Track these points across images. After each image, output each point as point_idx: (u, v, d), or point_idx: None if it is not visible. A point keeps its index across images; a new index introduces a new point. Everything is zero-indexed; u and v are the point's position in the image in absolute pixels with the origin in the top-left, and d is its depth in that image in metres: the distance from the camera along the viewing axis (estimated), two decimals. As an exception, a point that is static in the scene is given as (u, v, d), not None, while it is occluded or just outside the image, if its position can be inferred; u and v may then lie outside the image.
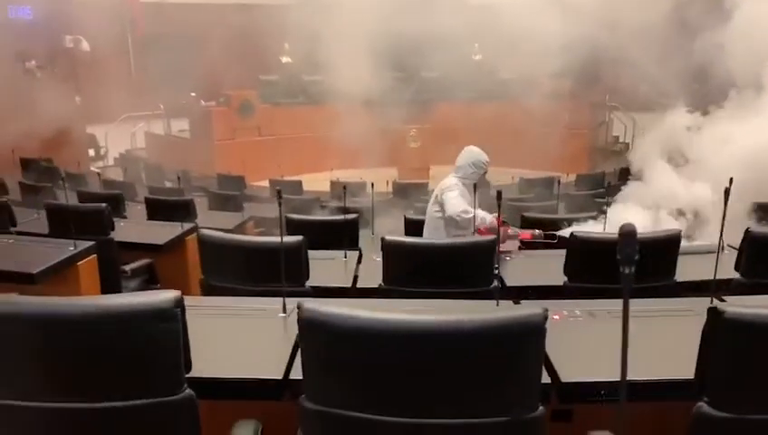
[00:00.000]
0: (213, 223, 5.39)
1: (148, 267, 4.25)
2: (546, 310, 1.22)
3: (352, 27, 11.06)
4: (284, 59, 12.66)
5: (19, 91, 7.81)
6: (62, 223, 4.02)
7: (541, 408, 1.27)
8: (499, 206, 2.03)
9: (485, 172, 4.26)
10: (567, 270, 2.71)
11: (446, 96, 12.00)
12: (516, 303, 2.23)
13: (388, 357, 1.19)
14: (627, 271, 0.98)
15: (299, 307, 1.27)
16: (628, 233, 0.97)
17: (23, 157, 7.78)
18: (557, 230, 3.72)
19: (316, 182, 9.20)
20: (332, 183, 8.27)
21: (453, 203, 3.91)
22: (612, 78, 10.27)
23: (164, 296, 1.26)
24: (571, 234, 2.68)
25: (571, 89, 11.52)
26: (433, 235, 4.11)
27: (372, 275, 3.17)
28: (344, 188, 3.63)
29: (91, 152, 11.24)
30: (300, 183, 8.15)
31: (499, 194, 1.99)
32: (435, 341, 1.17)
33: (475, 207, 3.61)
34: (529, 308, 1.23)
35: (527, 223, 4.03)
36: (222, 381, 1.68)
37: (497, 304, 2.10)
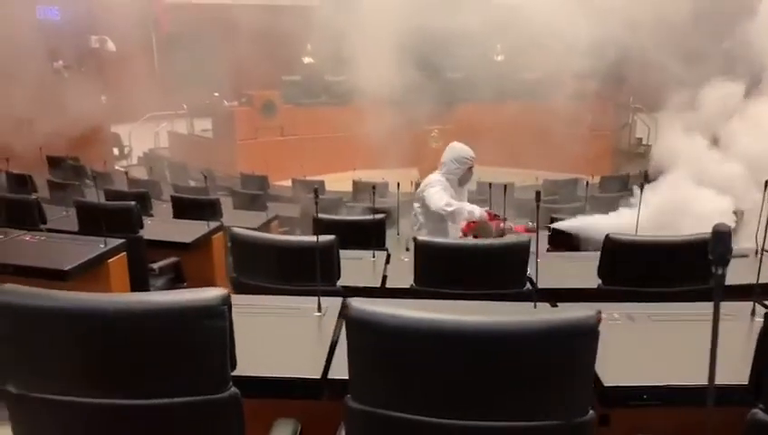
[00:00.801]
0: (238, 222, 5.41)
1: (175, 265, 4.28)
2: (599, 312, 1.20)
3: (374, 28, 11.06)
4: (307, 59, 12.70)
5: (47, 91, 7.90)
6: (92, 221, 4.06)
7: (591, 412, 1.25)
8: (538, 207, 2.01)
9: (471, 168, 4.26)
10: (601, 272, 2.67)
11: (468, 96, 11.95)
12: (553, 305, 2.20)
13: (438, 358, 1.17)
14: (719, 271, 0.95)
15: (346, 306, 1.25)
16: (721, 232, 0.94)
17: (50, 155, 7.88)
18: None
19: (338, 182, 9.21)
20: (355, 183, 8.27)
21: (435, 198, 3.91)
22: (636, 79, 10.17)
23: (212, 294, 1.26)
24: (607, 236, 2.64)
25: (595, 90, 11.41)
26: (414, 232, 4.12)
27: (401, 275, 3.15)
28: (373, 188, 3.63)
29: (115, 151, 11.37)
30: (323, 183, 8.16)
31: (538, 195, 1.97)
32: (487, 342, 1.15)
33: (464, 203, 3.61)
34: (581, 310, 1.21)
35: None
36: (262, 379, 1.68)
37: (534, 307, 2.07)
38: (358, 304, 1.25)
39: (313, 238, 2.78)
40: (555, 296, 2.57)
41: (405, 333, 1.18)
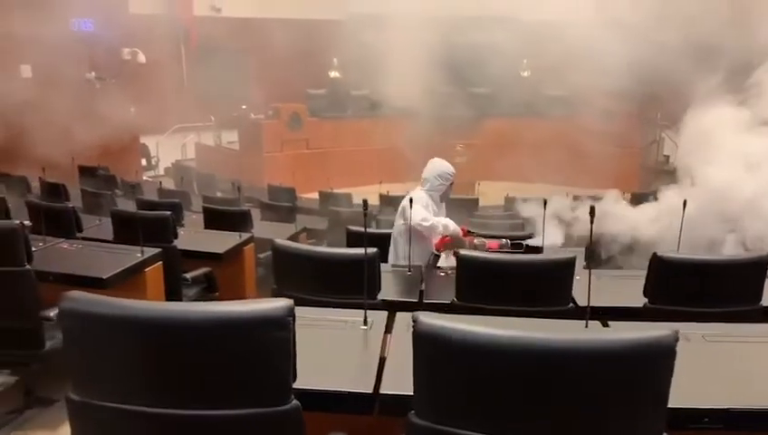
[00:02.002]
0: (267, 233, 5.43)
1: (207, 275, 4.29)
2: (677, 332, 1.16)
3: (401, 43, 11.11)
4: (333, 74, 12.79)
5: (79, 102, 8.03)
6: (127, 230, 4.10)
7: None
8: (591, 222, 1.97)
9: (452, 183, 4.24)
10: (648, 291, 2.62)
11: (493, 112, 11.94)
12: (605, 325, 2.15)
13: (510, 376, 1.15)
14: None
15: (414, 320, 1.23)
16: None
17: (81, 165, 7.99)
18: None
19: (364, 195, 9.19)
20: (381, 196, 8.26)
21: (413, 213, 3.87)
22: (665, 95, 10.07)
23: (278, 305, 1.24)
24: (654, 254, 2.59)
25: (623, 106, 11.33)
26: (394, 249, 4.08)
27: (438, 289, 3.13)
28: (411, 200, 3.60)
29: (143, 162, 11.50)
30: (350, 195, 8.17)
31: (592, 210, 1.93)
32: (560, 360, 1.12)
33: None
34: (656, 329, 1.17)
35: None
36: (313, 392, 1.65)
37: (586, 326, 2.03)
38: (426, 318, 1.22)
39: (354, 251, 2.78)
40: (598, 315, 2.52)
41: (475, 349, 1.15)
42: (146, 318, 1.25)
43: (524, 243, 3.77)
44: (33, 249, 3.02)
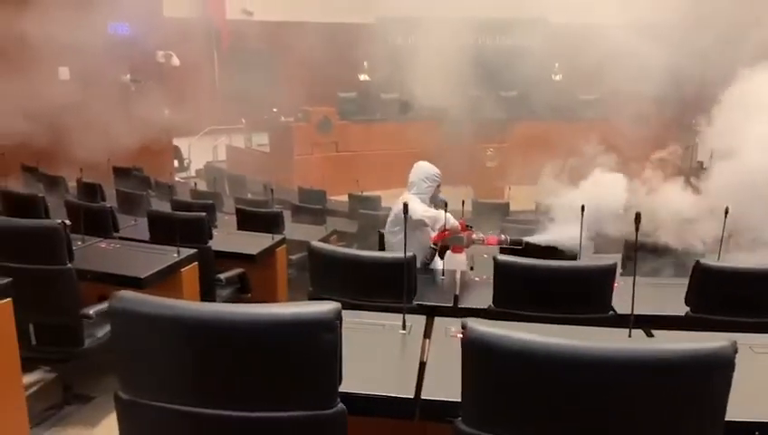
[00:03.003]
0: (298, 235, 5.46)
1: (241, 277, 4.33)
2: (735, 342, 1.13)
3: (431, 46, 11.11)
4: (363, 77, 12.83)
5: (115, 104, 8.18)
6: (163, 230, 4.15)
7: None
8: (637, 229, 1.93)
9: (439, 185, 4.22)
10: (690, 300, 2.56)
11: (525, 115, 11.84)
12: (648, 334, 2.11)
13: (565, 386, 1.12)
14: None
15: (464, 327, 1.22)
16: None
17: (116, 166, 8.13)
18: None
19: (394, 198, 9.18)
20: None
21: (415, 207, 3.86)
22: (698, 101, 9.89)
23: (327, 307, 1.24)
24: (697, 262, 2.54)
25: (656, 111, 11.16)
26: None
27: (472, 295, 3.11)
28: (445, 204, 3.58)
29: (175, 163, 11.66)
30: (379, 198, 8.16)
31: (638, 217, 1.89)
32: (618, 371, 1.10)
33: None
34: (714, 340, 1.14)
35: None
36: (355, 396, 1.65)
37: (629, 335, 1.99)
38: (476, 325, 1.21)
39: (392, 254, 2.77)
40: (639, 323, 2.47)
41: (539, 360, 1.13)
42: (194, 318, 1.26)
43: (524, 240, 3.75)
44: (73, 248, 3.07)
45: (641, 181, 3.98)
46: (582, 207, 3.07)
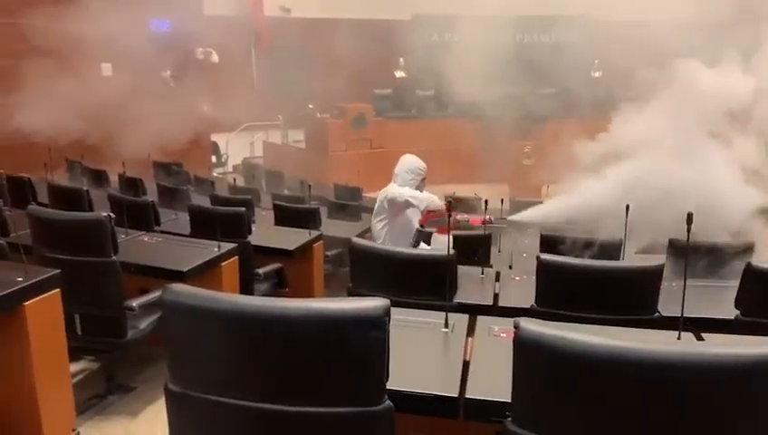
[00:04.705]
0: (334, 231, 5.48)
1: (278, 272, 4.36)
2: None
3: (468, 43, 11.03)
4: (399, 73, 12.81)
5: (156, 100, 8.32)
6: (203, 224, 4.21)
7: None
8: (688, 230, 1.88)
9: (424, 178, 4.34)
10: (741, 303, 2.49)
11: (563, 113, 11.67)
12: (698, 337, 2.05)
13: (628, 390, 1.09)
14: None
15: (516, 327, 1.20)
16: None
17: (155, 160, 8.27)
18: None
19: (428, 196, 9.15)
20: (446, 197, 8.19)
21: (400, 191, 4.14)
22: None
23: (376, 304, 1.23)
24: (748, 264, 2.46)
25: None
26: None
27: (512, 294, 3.07)
28: (485, 202, 3.54)
29: (213, 158, 11.82)
30: (414, 196, 8.13)
31: (689, 217, 1.84)
32: (685, 375, 1.06)
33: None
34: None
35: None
36: (399, 393, 1.64)
37: (679, 337, 1.94)
38: (529, 324, 1.19)
39: (434, 252, 2.76)
40: (686, 325, 2.41)
41: (588, 360, 1.10)
42: (245, 313, 1.27)
43: (509, 218, 3.83)
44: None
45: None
46: (627, 207, 3.01)
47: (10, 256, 3.06)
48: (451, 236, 2.39)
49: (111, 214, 3.09)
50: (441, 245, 3.78)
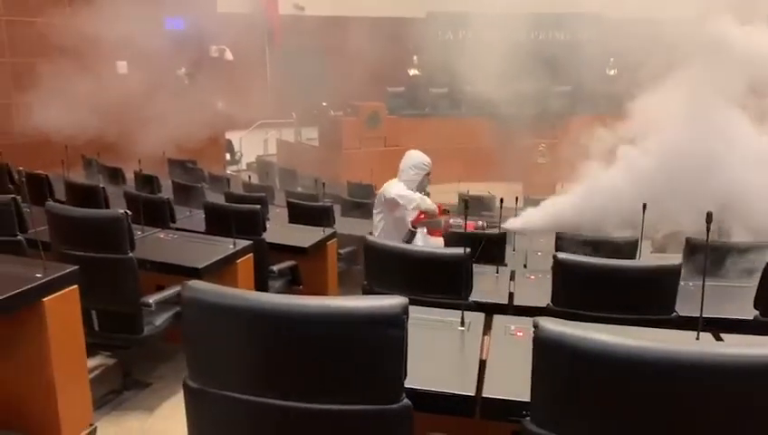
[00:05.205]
0: (347, 229, 5.49)
1: (292, 269, 4.37)
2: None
3: (482, 40, 10.99)
4: (412, 71, 12.80)
5: (171, 97, 8.37)
6: (218, 222, 4.23)
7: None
8: (708, 230, 1.86)
9: (428, 174, 4.44)
10: (761, 303, 2.46)
11: (578, 110, 11.59)
12: (717, 338, 2.03)
13: (651, 392, 1.08)
14: None
15: (535, 326, 1.19)
16: None
17: (170, 157, 8.32)
18: None
19: (441, 195, 9.11)
20: (460, 195, 8.18)
21: (391, 188, 4.27)
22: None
23: (394, 302, 1.23)
24: (768, 264, 2.43)
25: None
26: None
27: (527, 293, 3.05)
28: (501, 200, 3.53)
29: (227, 156, 11.88)
30: (428, 194, 8.12)
31: (709, 216, 1.82)
32: (702, 376, 1.05)
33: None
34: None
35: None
36: (416, 392, 1.63)
37: (698, 337, 1.92)
38: (549, 324, 1.18)
39: (449, 250, 2.75)
40: (704, 326, 2.39)
41: (608, 360, 1.09)
42: (264, 310, 1.27)
43: (502, 225, 3.84)
44: (134, 238, 3.15)
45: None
46: (644, 206, 2.98)
47: (29, 253, 3.10)
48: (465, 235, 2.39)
49: (128, 211, 3.11)
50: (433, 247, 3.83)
